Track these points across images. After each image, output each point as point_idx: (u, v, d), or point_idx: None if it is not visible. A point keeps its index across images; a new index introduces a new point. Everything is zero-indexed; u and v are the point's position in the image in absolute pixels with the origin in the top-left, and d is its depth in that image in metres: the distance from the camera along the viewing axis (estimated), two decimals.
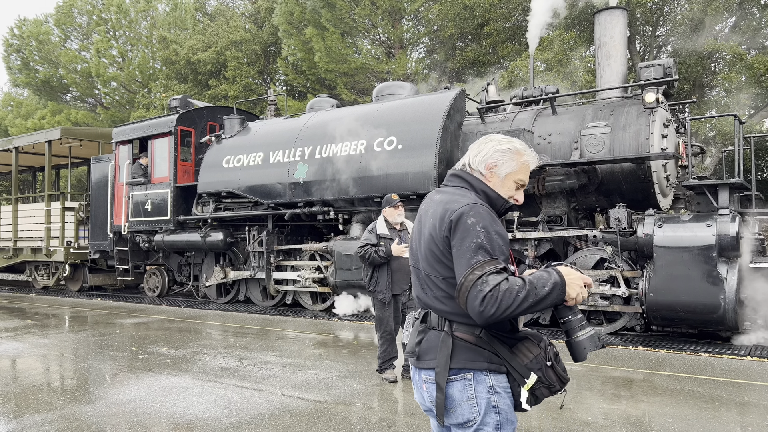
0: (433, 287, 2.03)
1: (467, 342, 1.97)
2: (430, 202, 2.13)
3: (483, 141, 2.15)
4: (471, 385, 1.95)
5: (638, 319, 7.88)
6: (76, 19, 28.18)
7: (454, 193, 2.05)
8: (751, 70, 14.95)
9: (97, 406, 4.93)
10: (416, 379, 2.11)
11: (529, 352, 1.97)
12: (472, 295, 1.83)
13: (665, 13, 17.89)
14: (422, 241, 2.07)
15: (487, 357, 1.96)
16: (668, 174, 8.41)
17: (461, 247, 1.90)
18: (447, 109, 9.25)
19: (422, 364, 2.04)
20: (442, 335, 2.00)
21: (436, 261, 2.00)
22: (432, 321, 2.05)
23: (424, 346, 2.05)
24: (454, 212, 1.94)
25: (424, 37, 21.24)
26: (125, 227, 13.37)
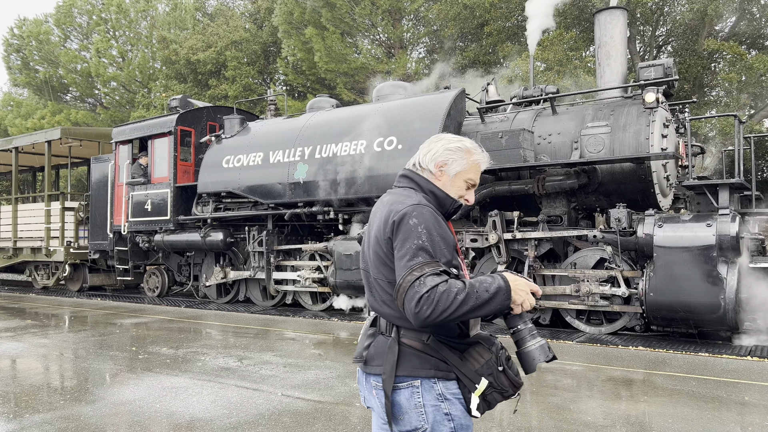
0: (380, 291, 1.99)
1: (414, 349, 1.93)
2: (380, 203, 2.09)
3: (433, 140, 2.12)
4: (418, 393, 1.91)
5: (638, 319, 7.88)
6: (76, 19, 28.19)
7: (401, 194, 2.02)
8: (751, 70, 14.95)
9: (97, 406, 4.92)
10: (363, 383, 2.08)
11: (480, 357, 1.92)
12: (409, 296, 1.79)
13: (665, 13, 17.89)
14: (370, 244, 2.04)
15: (435, 364, 1.92)
16: (668, 174, 8.41)
17: (402, 249, 1.86)
18: (447, 109, 9.24)
19: (370, 369, 2.01)
20: (389, 341, 1.96)
21: (381, 264, 1.97)
22: (381, 326, 2.03)
23: (371, 351, 2.01)
24: (397, 213, 1.91)
25: (424, 37, 21.24)
26: (125, 227, 13.37)
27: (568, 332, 8.24)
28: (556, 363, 6.35)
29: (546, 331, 8.32)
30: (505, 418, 4.50)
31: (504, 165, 8.45)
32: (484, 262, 9.11)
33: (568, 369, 6.11)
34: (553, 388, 5.32)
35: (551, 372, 5.99)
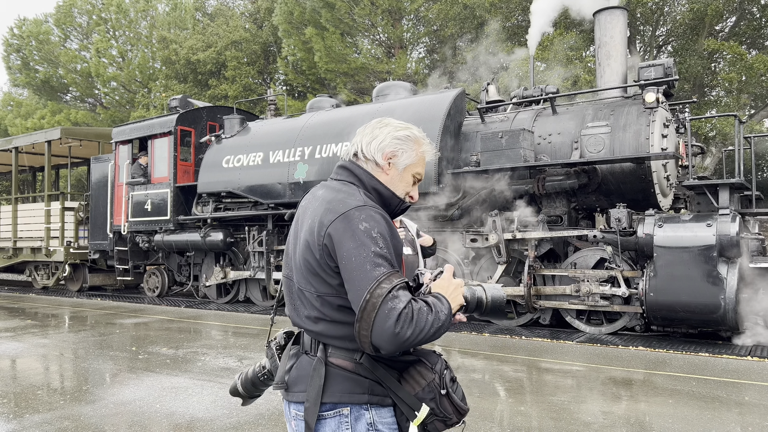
0: (306, 304, 1.68)
1: (344, 370, 1.63)
2: (312, 198, 1.76)
3: (376, 125, 1.80)
4: (347, 423, 1.61)
5: (638, 319, 7.88)
6: (76, 19, 28.20)
7: (340, 190, 1.70)
8: (751, 70, 14.95)
9: (97, 406, 4.92)
10: (287, 414, 1.74)
11: (422, 378, 1.63)
12: (383, 313, 1.46)
13: (665, 13, 17.89)
14: (297, 247, 1.71)
15: (368, 387, 1.62)
16: (668, 174, 8.41)
17: (356, 258, 1.53)
18: (447, 108, 9.24)
19: (292, 396, 1.68)
20: (314, 362, 1.65)
21: (311, 273, 1.64)
22: (305, 344, 1.71)
23: (293, 374, 1.69)
24: (339, 215, 1.59)
25: (424, 37, 21.24)
26: (125, 227, 13.37)
27: (568, 332, 8.23)
28: (556, 363, 6.35)
29: (546, 331, 8.32)
30: (506, 418, 4.50)
31: (504, 165, 8.45)
32: (484, 262, 9.11)
33: (568, 369, 6.11)
34: (553, 388, 5.32)
35: (551, 372, 5.99)
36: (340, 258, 1.57)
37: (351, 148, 1.81)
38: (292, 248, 1.77)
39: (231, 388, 2.04)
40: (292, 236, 1.79)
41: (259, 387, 1.97)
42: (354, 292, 1.53)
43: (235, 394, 2.03)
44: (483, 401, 4.90)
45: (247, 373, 1.99)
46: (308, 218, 1.69)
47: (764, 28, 17.48)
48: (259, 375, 1.94)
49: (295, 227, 1.79)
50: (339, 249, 1.57)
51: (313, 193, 1.80)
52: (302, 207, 1.80)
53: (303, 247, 1.67)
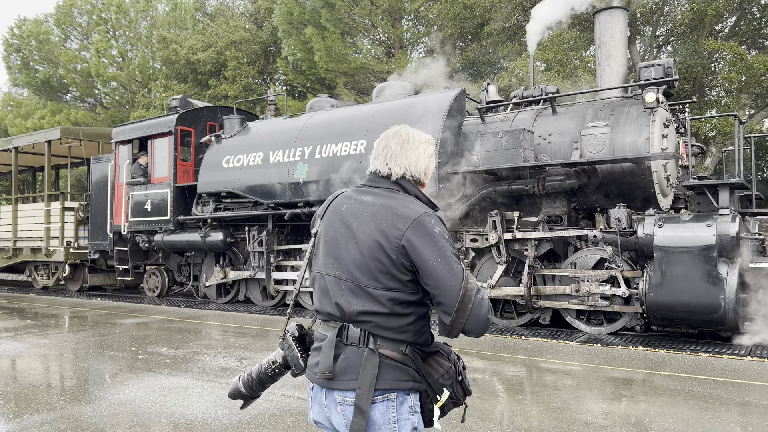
0: (363, 299, 1.83)
1: (393, 360, 1.81)
2: (359, 203, 1.92)
3: (407, 142, 1.96)
4: (393, 407, 1.81)
5: (638, 319, 7.88)
6: (76, 19, 28.19)
7: (394, 198, 1.88)
8: (751, 70, 14.95)
9: (97, 406, 4.92)
10: (322, 400, 1.89)
11: (440, 367, 1.86)
12: (478, 303, 1.75)
13: (665, 13, 17.89)
14: (356, 247, 1.85)
15: (412, 375, 1.83)
16: (668, 174, 8.41)
17: (441, 258, 1.76)
18: (447, 108, 9.24)
19: (339, 384, 1.83)
20: (366, 353, 1.81)
21: (381, 272, 1.80)
22: (350, 337, 1.84)
23: (341, 365, 1.83)
24: (412, 220, 1.79)
25: (424, 37, 21.24)
26: (125, 227, 13.37)
27: (568, 332, 8.23)
28: (556, 363, 6.35)
29: (546, 331, 8.32)
30: (506, 418, 4.50)
31: (504, 165, 8.45)
32: (484, 262, 9.11)
33: (568, 369, 6.11)
34: (554, 389, 5.32)
35: (551, 372, 5.99)
36: (421, 259, 1.76)
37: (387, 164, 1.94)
38: (344, 249, 1.88)
39: (231, 392, 2.11)
40: (342, 238, 1.90)
41: (265, 384, 2.08)
42: (444, 288, 1.75)
43: (236, 396, 2.10)
44: (483, 401, 4.90)
45: (251, 372, 2.07)
46: (368, 222, 1.84)
47: (764, 28, 17.48)
48: (269, 371, 2.05)
49: (341, 227, 1.91)
50: (420, 251, 1.76)
51: (355, 198, 1.94)
52: (348, 211, 1.92)
53: (370, 248, 1.82)
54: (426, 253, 1.76)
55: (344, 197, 1.99)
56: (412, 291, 1.83)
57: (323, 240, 1.98)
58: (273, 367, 2.06)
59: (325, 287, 1.94)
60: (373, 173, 1.98)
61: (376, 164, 1.98)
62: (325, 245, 1.96)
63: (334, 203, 2.01)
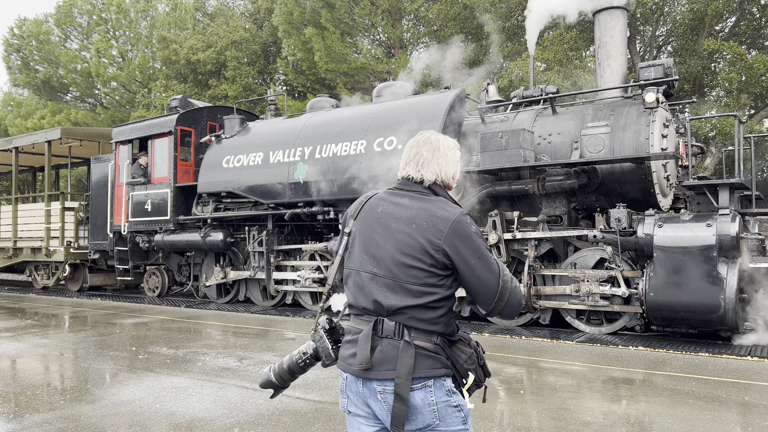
0: (401, 295, 1.97)
1: (427, 350, 1.96)
2: (394, 204, 2.06)
3: (442, 153, 2.10)
4: (431, 392, 1.96)
5: (638, 319, 7.88)
6: (76, 19, 28.20)
7: (428, 200, 2.04)
8: (751, 70, 14.95)
9: (97, 406, 4.93)
10: (359, 389, 2.03)
11: (462, 353, 2.03)
12: (514, 291, 1.98)
13: (665, 13, 17.89)
14: (395, 246, 2.00)
15: (444, 363, 1.98)
16: (668, 174, 8.41)
17: (480, 255, 1.96)
18: (447, 108, 9.25)
19: (377, 374, 1.97)
20: (402, 345, 1.95)
21: (420, 270, 1.96)
22: (386, 330, 1.98)
23: (378, 356, 1.97)
24: (451, 221, 1.96)
25: (424, 37, 21.24)
26: (125, 227, 13.37)
27: (568, 332, 8.24)
28: (556, 363, 6.35)
29: (546, 331, 8.32)
30: (506, 418, 4.50)
31: (504, 165, 8.45)
32: None
33: (568, 369, 6.11)
34: (553, 388, 5.32)
35: (551, 372, 5.99)
36: (462, 259, 1.95)
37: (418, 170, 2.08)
38: (383, 248, 2.02)
39: (263, 382, 2.23)
40: (380, 237, 2.04)
41: (295, 374, 2.20)
42: (484, 284, 1.96)
43: (267, 386, 2.23)
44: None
45: (282, 363, 2.19)
46: (407, 223, 1.99)
47: (764, 28, 17.48)
48: (299, 361, 2.17)
49: (380, 229, 2.05)
50: (461, 251, 1.95)
51: (390, 200, 2.08)
52: (385, 213, 2.06)
53: (411, 248, 1.97)
54: (466, 253, 1.95)
55: (378, 199, 2.12)
56: (447, 287, 1.99)
57: (360, 239, 2.09)
58: (304, 358, 2.17)
59: (361, 283, 2.06)
60: (406, 178, 2.12)
61: (408, 170, 2.11)
62: (362, 244, 2.08)
63: (368, 204, 2.13)
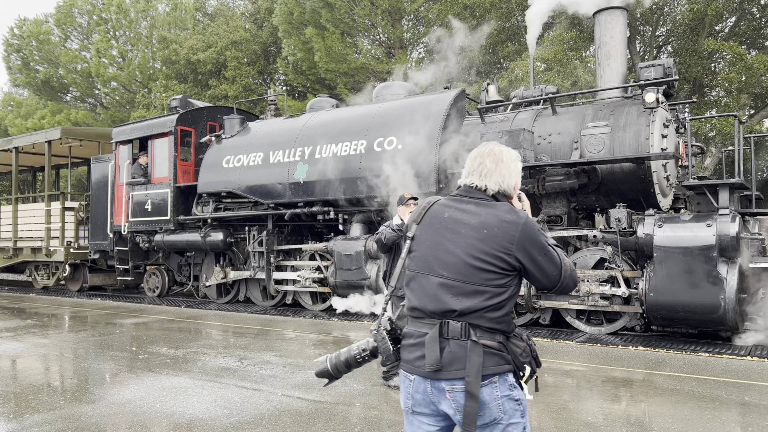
0: (475, 297, 2.07)
1: (492, 348, 2.07)
2: (461, 211, 2.17)
3: (505, 164, 2.21)
4: (497, 388, 2.06)
5: (638, 319, 7.88)
6: (76, 19, 28.19)
7: (495, 206, 2.16)
8: (751, 70, 14.95)
9: (97, 406, 4.93)
10: (427, 389, 2.12)
11: (517, 348, 2.12)
12: (573, 275, 2.16)
13: (665, 13, 17.88)
14: (465, 251, 2.10)
15: (507, 359, 2.09)
16: (668, 174, 8.41)
17: (546, 251, 2.12)
18: (447, 108, 9.25)
19: (446, 375, 2.06)
20: (469, 344, 2.05)
21: (491, 272, 2.08)
22: (451, 331, 2.07)
23: (447, 357, 2.06)
24: (520, 225, 2.09)
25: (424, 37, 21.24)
26: (125, 227, 13.37)
27: (568, 332, 8.24)
28: (556, 363, 6.35)
29: (546, 331, 8.32)
30: None
31: None
32: None
33: (568, 369, 6.11)
34: (553, 389, 5.32)
35: (551, 372, 5.99)
36: (533, 257, 2.09)
37: (482, 179, 2.20)
38: (452, 252, 2.13)
39: (320, 371, 2.35)
40: (449, 243, 2.14)
41: (351, 368, 2.33)
42: (549, 273, 2.13)
43: (323, 375, 2.34)
44: None
45: (339, 356, 2.31)
46: (478, 228, 2.11)
47: (764, 28, 17.48)
48: (358, 357, 2.28)
49: (449, 234, 2.15)
50: (531, 250, 2.09)
51: (456, 207, 2.19)
52: (452, 219, 2.17)
53: (482, 252, 2.08)
54: (536, 254, 2.10)
55: (442, 206, 2.23)
56: (514, 287, 2.12)
57: (427, 244, 2.19)
58: (363, 355, 2.27)
59: (427, 286, 2.14)
60: (469, 186, 2.22)
61: (472, 179, 2.22)
62: (431, 248, 2.18)
63: (432, 210, 2.24)
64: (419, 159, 9.07)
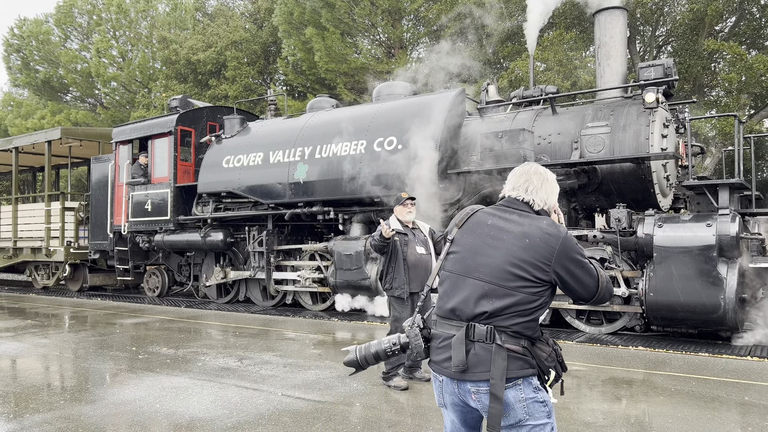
0: (503, 300, 2.15)
1: (516, 353, 2.14)
2: (504, 220, 2.28)
3: (549, 183, 2.36)
4: (521, 390, 2.13)
5: (638, 319, 7.88)
6: (76, 19, 28.18)
7: (538, 218, 2.27)
8: (751, 70, 14.95)
9: (97, 406, 4.93)
10: (455, 390, 2.22)
11: (542, 352, 2.19)
12: (609, 286, 2.27)
13: (665, 13, 17.88)
14: (506, 257, 2.19)
15: (531, 363, 2.16)
16: (668, 174, 8.41)
17: (583, 264, 2.22)
18: (447, 108, 9.24)
19: (471, 376, 2.14)
20: (494, 348, 2.12)
21: (529, 281, 2.15)
22: (477, 334, 2.15)
23: (473, 360, 2.14)
24: (560, 238, 2.19)
25: (424, 37, 21.24)
26: (125, 227, 13.37)
27: (568, 332, 8.24)
28: None
29: (546, 331, 8.29)
30: None
31: (504, 165, 8.45)
32: None
33: (568, 369, 6.10)
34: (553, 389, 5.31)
35: None
36: (571, 271, 2.19)
37: (530, 195, 2.34)
38: (493, 257, 2.21)
39: (348, 360, 2.45)
40: (491, 248, 2.23)
41: (380, 360, 2.43)
42: (586, 285, 2.23)
43: (351, 365, 2.45)
44: None
45: (369, 347, 2.42)
46: (521, 237, 2.20)
47: (764, 28, 17.48)
48: (389, 351, 2.38)
49: (491, 241, 2.24)
50: (569, 265, 2.19)
51: (500, 216, 2.30)
52: (495, 226, 2.27)
53: (522, 260, 2.16)
54: (573, 268, 2.20)
55: (486, 214, 2.34)
56: (545, 297, 2.19)
57: (468, 247, 2.29)
58: (393, 349, 2.37)
59: (461, 286, 2.24)
60: (515, 198, 2.34)
61: (518, 192, 2.34)
62: (471, 251, 2.28)
63: (475, 217, 2.35)
64: (419, 159, 9.07)
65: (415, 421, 4.47)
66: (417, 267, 5.54)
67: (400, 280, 5.47)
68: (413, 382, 5.56)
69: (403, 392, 5.29)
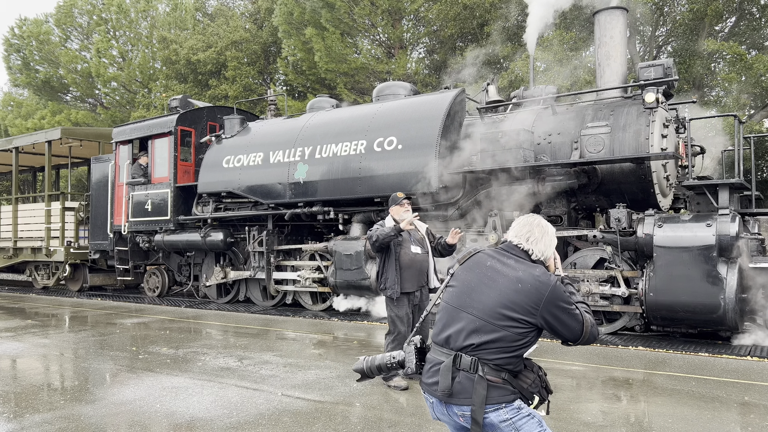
0: (491, 334, 2.35)
1: (496, 383, 2.35)
2: (502, 264, 2.49)
3: (549, 236, 2.59)
4: (505, 412, 2.35)
5: (638, 319, 7.88)
6: (77, 19, 28.17)
7: (533, 266, 2.47)
8: (751, 70, 14.94)
9: (97, 406, 4.93)
10: (443, 411, 2.45)
11: (527, 378, 2.41)
12: (593, 332, 2.43)
13: (665, 13, 17.88)
14: (498, 297, 2.39)
15: (512, 390, 2.37)
16: (668, 174, 8.41)
17: (570, 311, 2.39)
18: (447, 108, 9.24)
19: (456, 401, 2.38)
20: (476, 378, 2.34)
21: (515, 320, 2.35)
22: (463, 364, 2.37)
23: (457, 387, 2.37)
24: (551, 285, 2.38)
25: (424, 37, 21.24)
26: (125, 227, 13.37)
27: None
28: (557, 363, 6.35)
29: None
30: None
31: (504, 165, 8.45)
32: None
33: (568, 369, 6.11)
34: (554, 388, 5.31)
35: (551, 372, 5.99)
36: (558, 317, 2.38)
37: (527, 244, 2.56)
38: (486, 295, 2.42)
39: (357, 368, 2.70)
40: (486, 287, 2.44)
41: (382, 372, 2.67)
42: (572, 329, 2.41)
43: (359, 372, 2.69)
44: None
45: (374, 359, 2.67)
46: (514, 282, 2.40)
47: (764, 28, 17.48)
48: (388, 364, 2.62)
49: (488, 281, 2.45)
50: (556, 312, 2.38)
51: (499, 259, 2.52)
52: (493, 268, 2.49)
53: (513, 302, 2.37)
54: (560, 315, 2.38)
55: (486, 255, 2.57)
56: (530, 339, 2.38)
57: (466, 283, 2.51)
58: (392, 362, 2.61)
59: (457, 318, 2.45)
60: (516, 245, 2.56)
61: (519, 240, 2.57)
62: (468, 288, 2.49)
63: (476, 258, 2.58)
64: (419, 159, 9.07)
65: (415, 421, 4.47)
66: (411, 267, 5.55)
67: (391, 280, 5.51)
68: (413, 382, 5.56)
69: (403, 392, 5.29)
